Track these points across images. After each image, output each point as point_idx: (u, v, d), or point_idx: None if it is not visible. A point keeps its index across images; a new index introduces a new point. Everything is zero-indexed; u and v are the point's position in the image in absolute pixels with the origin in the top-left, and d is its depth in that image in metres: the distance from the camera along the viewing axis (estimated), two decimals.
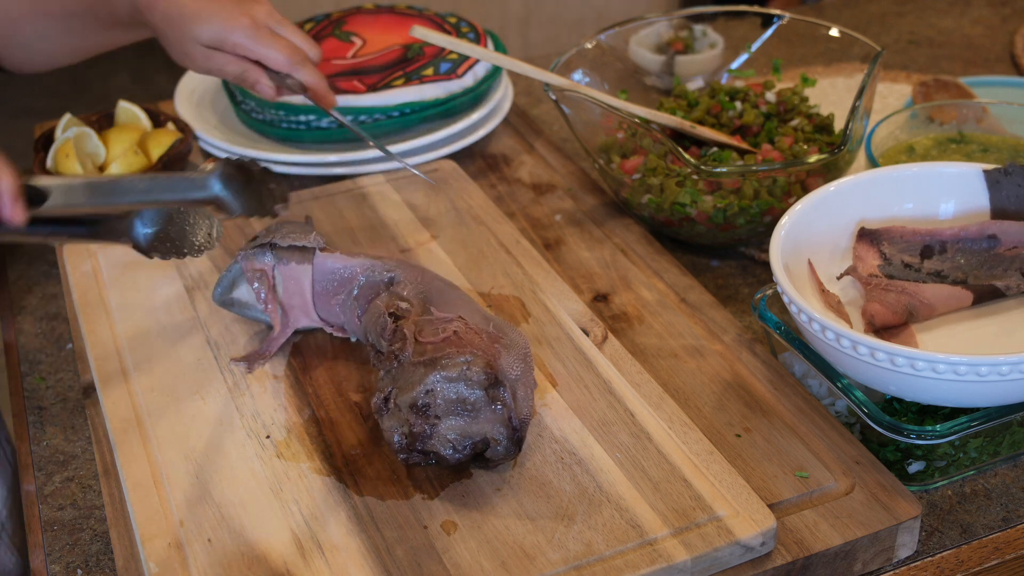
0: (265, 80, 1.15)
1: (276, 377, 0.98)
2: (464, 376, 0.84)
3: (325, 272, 1.00)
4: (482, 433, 0.85)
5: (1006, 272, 0.98)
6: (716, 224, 1.15)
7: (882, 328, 0.95)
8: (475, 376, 0.84)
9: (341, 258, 1.00)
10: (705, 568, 0.81)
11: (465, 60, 1.38)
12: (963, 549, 0.88)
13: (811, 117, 1.27)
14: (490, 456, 0.85)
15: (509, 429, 0.85)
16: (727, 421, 0.95)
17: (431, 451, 0.85)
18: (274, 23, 1.16)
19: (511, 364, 0.88)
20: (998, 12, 1.80)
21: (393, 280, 0.98)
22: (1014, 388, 0.86)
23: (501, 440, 0.85)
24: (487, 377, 0.85)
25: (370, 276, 0.99)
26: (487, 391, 0.85)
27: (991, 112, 1.25)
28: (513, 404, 0.85)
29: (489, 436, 0.85)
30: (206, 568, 0.81)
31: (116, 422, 0.93)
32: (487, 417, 0.85)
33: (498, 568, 0.80)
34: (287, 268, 1.00)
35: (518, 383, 0.87)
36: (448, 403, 0.85)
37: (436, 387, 0.85)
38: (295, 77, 1.15)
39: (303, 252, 1.00)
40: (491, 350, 0.88)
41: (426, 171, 1.27)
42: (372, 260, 1.00)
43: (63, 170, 1.29)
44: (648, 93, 1.41)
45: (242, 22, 1.12)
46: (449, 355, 0.86)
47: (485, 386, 0.85)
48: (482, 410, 0.85)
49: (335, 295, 1.00)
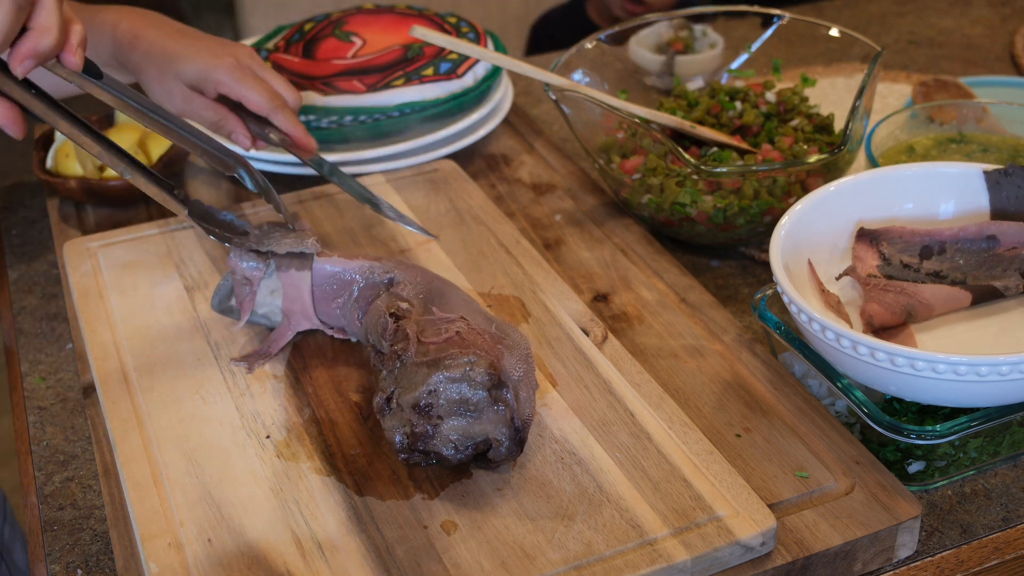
0: (242, 129, 1.15)
1: (276, 377, 0.98)
2: (467, 377, 0.84)
3: (324, 276, 1.00)
4: (484, 434, 0.85)
5: (1005, 272, 0.98)
6: (716, 224, 1.15)
7: (881, 328, 0.95)
8: (478, 377, 0.84)
9: (339, 261, 1.00)
10: (705, 568, 0.81)
11: (465, 60, 1.38)
12: (963, 549, 0.88)
13: (811, 117, 1.27)
14: (492, 457, 0.85)
15: (511, 430, 0.85)
16: (727, 421, 0.95)
17: (432, 451, 0.85)
18: (256, 66, 1.16)
19: (514, 365, 0.88)
20: (998, 12, 1.80)
21: (392, 281, 0.98)
22: (1014, 388, 0.86)
23: (503, 441, 0.85)
24: (490, 378, 0.85)
25: (369, 278, 0.99)
26: (490, 392, 0.85)
27: (991, 112, 1.25)
28: (516, 405, 0.85)
29: (491, 436, 0.85)
30: (206, 568, 0.81)
31: (116, 422, 0.93)
32: (489, 418, 0.85)
33: (498, 568, 0.80)
34: (287, 275, 1.00)
35: (520, 384, 0.87)
36: (451, 403, 0.84)
37: (439, 387, 0.84)
38: (273, 122, 1.15)
39: (302, 258, 1.00)
40: (494, 351, 0.88)
41: (426, 171, 1.27)
42: (370, 262, 1.00)
43: (63, 170, 1.30)
44: (648, 93, 1.41)
45: (226, 61, 1.13)
46: (452, 355, 0.85)
47: (488, 387, 0.85)
48: (485, 411, 0.85)
49: (335, 298, 1.00)
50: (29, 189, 1.39)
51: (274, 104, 1.14)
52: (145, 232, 1.18)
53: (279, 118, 1.14)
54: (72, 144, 1.29)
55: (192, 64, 1.13)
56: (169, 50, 1.14)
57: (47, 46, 0.84)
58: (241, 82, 1.13)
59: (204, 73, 1.13)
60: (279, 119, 1.14)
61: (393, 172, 1.28)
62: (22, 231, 1.31)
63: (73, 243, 1.16)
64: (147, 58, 1.15)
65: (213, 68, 1.13)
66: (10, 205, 1.36)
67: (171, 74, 1.13)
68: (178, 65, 1.13)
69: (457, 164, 1.31)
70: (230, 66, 1.13)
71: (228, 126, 1.14)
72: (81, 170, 1.29)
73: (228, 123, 1.14)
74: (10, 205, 1.36)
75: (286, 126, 1.15)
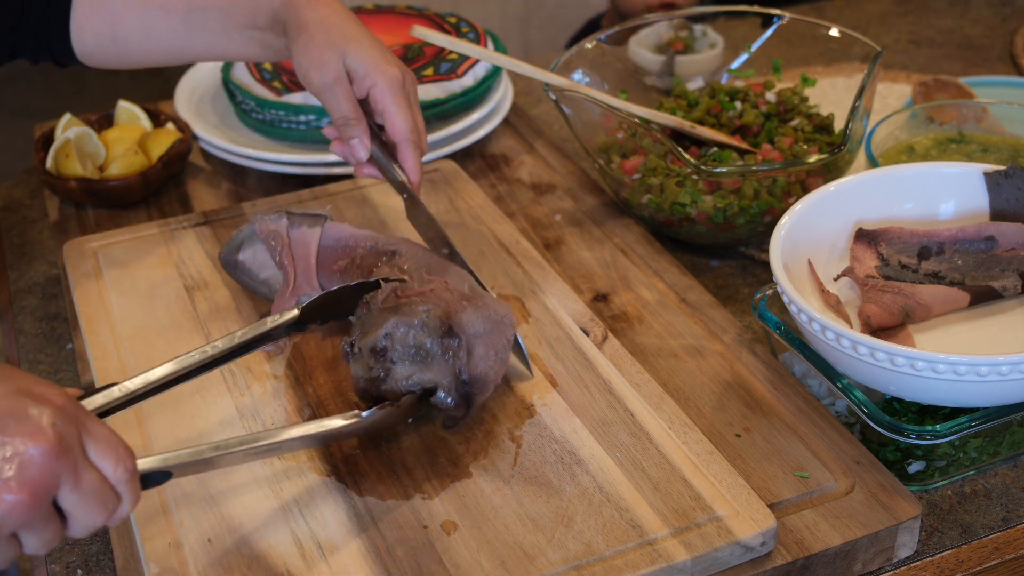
0: (367, 140, 1.08)
1: (276, 377, 0.98)
2: (422, 323, 0.87)
3: (332, 238, 1.04)
4: (433, 382, 0.87)
5: (1003, 273, 0.98)
6: (716, 224, 1.15)
7: (879, 329, 0.95)
8: (432, 323, 0.87)
9: (349, 228, 1.05)
10: (705, 568, 0.81)
11: (465, 60, 1.38)
12: (963, 549, 0.88)
13: (811, 117, 1.27)
14: (434, 402, 0.88)
15: (457, 381, 0.87)
16: (727, 421, 0.95)
17: (386, 396, 0.87)
18: (414, 94, 1.10)
19: (475, 321, 0.89)
20: (998, 12, 1.80)
21: (395, 253, 1.01)
22: (1014, 388, 0.86)
23: (449, 391, 0.87)
24: (442, 325, 0.88)
25: (373, 247, 1.03)
26: (441, 340, 0.87)
27: (991, 112, 1.25)
28: (466, 358, 0.87)
29: (438, 384, 0.87)
30: (206, 568, 0.81)
31: (116, 422, 0.93)
32: (439, 367, 0.87)
33: (498, 568, 0.80)
34: (298, 232, 1.04)
35: (478, 340, 0.89)
36: (405, 348, 0.87)
37: (394, 331, 0.88)
38: (398, 152, 1.08)
39: (314, 219, 1.05)
40: (457, 305, 0.90)
41: (426, 171, 1.27)
42: (377, 234, 1.04)
43: (63, 170, 1.29)
44: (648, 93, 1.41)
45: (394, 71, 1.07)
46: (412, 302, 0.89)
47: (440, 334, 0.87)
48: (435, 359, 0.87)
49: (338, 260, 1.03)
50: (29, 189, 1.39)
51: (411, 137, 1.08)
52: (145, 232, 1.18)
53: (408, 152, 1.08)
54: (72, 144, 1.29)
55: (366, 53, 1.07)
56: (348, 30, 1.08)
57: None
58: (397, 98, 1.07)
59: (371, 67, 1.07)
60: (407, 153, 1.08)
61: None
62: (22, 231, 1.31)
63: (73, 243, 1.16)
64: (322, 24, 1.08)
65: (382, 69, 1.07)
66: (10, 205, 1.36)
67: (338, 49, 1.07)
68: (351, 45, 1.07)
69: (457, 164, 1.31)
70: (395, 77, 1.07)
71: (357, 129, 1.08)
72: (81, 170, 1.29)
73: (359, 126, 1.08)
74: (10, 205, 1.36)
75: (410, 163, 1.09)
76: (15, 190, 1.39)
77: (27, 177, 1.41)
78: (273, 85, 1.36)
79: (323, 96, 1.07)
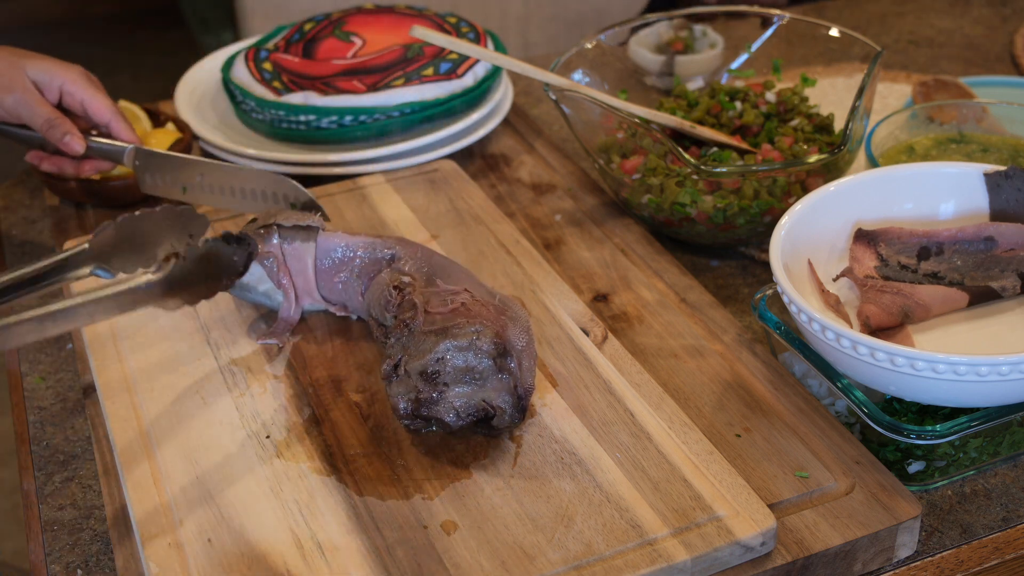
0: (78, 132, 1.20)
1: (276, 377, 0.98)
2: (474, 345, 0.88)
3: (327, 250, 1.03)
4: (488, 401, 0.88)
5: (1003, 273, 0.98)
6: (716, 224, 1.16)
7: (878, 329, 0.95)
8: (484, 346, 0.88)
9: (343, 237, 1.03)
10: (705, 568, 0.81)
11: (465, 60, 1.38)
12: (963, 549, 0.89)
13: (811, 117, 1.27)
14: (496, 424, 0.89)
15: (515, 397, 0.88)
16: (727, 421, 0.95)
17: (435, 417, 0.88)
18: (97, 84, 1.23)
19: (517, 335, 0.91)
20: (998, 12, 1.80)
21: (394, 257, 1.01)
22: (1014, 388, 0.86)
23: (506, 408, 0.88)
24: (496, 347, 0.88)
25: (371, 253, 1.02)
26: (495, 360, 0.88)
27: (991, 112, 1.25)
28: (519, 374, 0.89)
29: (495, 404, 0.88)
30: (206, 568, 0.81)
31: (116, 422, 0.93)
32: (494, 386, 0.88)
33: (498, 568, 0.80)
34: (291, 248, 1.03)
35: (523, 354, 0.91)
36: (457, 371, 0.88)
37: (447, 355, 0.88)
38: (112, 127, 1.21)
39: (307, 231, 1.03)
40: (499, 321, 0.91)
41: (426, 171, 1.27)
42: (373, 239, 1.03)
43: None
44: (648, 93, 1.41)
45: (77, 68, 1.22)
46: (459, 325, 0.89)
47: (494, 355, 0.88)
48: (489, 379, 0.88)
49: (337, 272, 1.03)
50: (29, 189, 1.39)
51: (117, 111, 1.22)
52: None
53: (120, 125, 1.22)
54: None
55: (44, 63, 1.21)
56: (20, 51, 1.22)
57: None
58: (89, 88, 1.21)
59: (54, 71, 1.20)
60: (120, 126, 1.22)
61: (393, 172, 1.28)
62: (22, 231, 1.31)
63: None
64: None
65: (64, 69, 1.21)
66: (10, 205, 1.36)
67: (18, 67, 1.19)
68: (28, 61, 1.20)
69: (457, 164, 1.31)
70: (79, 71, 1.22)
71: (64, 126, 1.19)
72: None
73: (64, 123, 1.20)
74: (10, 205, 1.36)
75: (125, 134, 1.22)
76: (15, 190, 1.39)
77: (27, 177, 1.41)
78: (273, 85, 1.36)
79: (19, 111, 1.20)
